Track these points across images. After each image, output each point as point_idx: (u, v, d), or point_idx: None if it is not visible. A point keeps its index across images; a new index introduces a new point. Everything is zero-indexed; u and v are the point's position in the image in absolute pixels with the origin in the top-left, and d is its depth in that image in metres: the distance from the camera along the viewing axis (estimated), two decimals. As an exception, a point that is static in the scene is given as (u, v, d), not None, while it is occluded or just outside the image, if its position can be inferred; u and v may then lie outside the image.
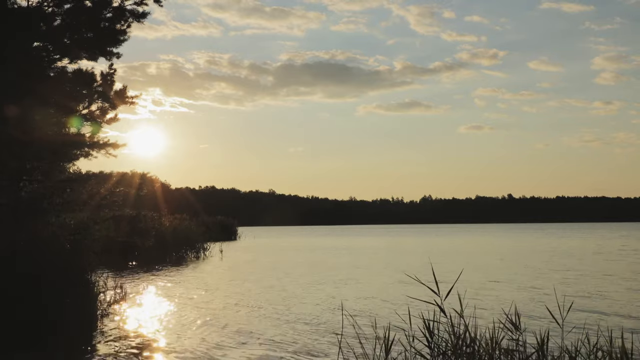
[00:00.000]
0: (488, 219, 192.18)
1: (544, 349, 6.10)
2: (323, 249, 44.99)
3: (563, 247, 44.38)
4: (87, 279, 12.64)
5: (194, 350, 10.07)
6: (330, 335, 11.10)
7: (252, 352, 9.85)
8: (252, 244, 54.71)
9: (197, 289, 18.69)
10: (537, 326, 9.96)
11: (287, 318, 13.19)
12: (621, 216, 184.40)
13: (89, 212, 14.19)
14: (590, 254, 34.69)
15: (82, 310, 11.84)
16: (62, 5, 12.72)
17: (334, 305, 14.87)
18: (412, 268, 24.93)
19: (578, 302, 14.50)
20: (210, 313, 14.00)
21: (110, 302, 13.95)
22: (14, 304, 10.45)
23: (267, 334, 11.42)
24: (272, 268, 27.44)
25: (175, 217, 37.97)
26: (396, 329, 8.28)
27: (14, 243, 11.27)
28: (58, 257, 11.65)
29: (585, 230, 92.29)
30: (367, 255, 37.49)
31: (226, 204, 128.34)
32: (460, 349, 6.22)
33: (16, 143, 12.33)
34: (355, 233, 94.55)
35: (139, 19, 13.30)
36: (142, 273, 24.00)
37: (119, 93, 13.77)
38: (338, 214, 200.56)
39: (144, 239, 29.08)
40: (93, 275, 13.07)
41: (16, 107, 12.11)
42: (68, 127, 13.69)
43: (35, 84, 12.55)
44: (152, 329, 12.12)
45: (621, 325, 10.97)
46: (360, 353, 7.74)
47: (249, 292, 18.15)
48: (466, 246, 48.30)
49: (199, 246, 35.13)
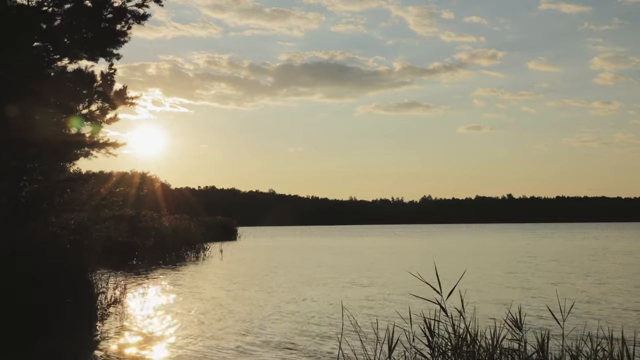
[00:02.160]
0: (488, 219, 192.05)
1: (545, 349, 6.09)
2: (323, 249, 44.97)
3: (563, 247, 44.39)
4: (87, 279, 12.64)
5: (194, 350, 10.06)
6: (330, 335, 11.09)
7: (252, 352, 9.84)
8: (252, 244, 54.71)
9: (197, 289, 18.68)
10: (538, 326, 9.96)
11: (288, 318, 13.18)
12: (621, 216, 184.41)
13: (89, 212, 14.17)
14: (591, 254, 34.70)
15: (82, 310, 11.84)
16: (62, 5, 12.71)
17: (335, 305, 14.86)
18: (413, 268, 24.92)
19: (579, 302, 14.51)
20: (210, 313, 13.99)
21: (110, 302, 13.94)
22: (14, 304, 10.44)
23: (268, 334, 11.41)
24: (272, 268, 27.43)
25: (175, 217, 37.98)
26: (397, 328, 8.28)
27: (14, 243, 11.26)
28: (58, 257, 11.65)
29: (586, 231, 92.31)
30: (368, 255, 37.48)
31: (226, 204, 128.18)
32: (460, 348, 6.21)
33: (16, 143, 12.32)
34: (356, 233, 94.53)
35: (140, 21, 13.29)
36: (142, 273, 23.99)
37: (119, 93, 13.76)
38: (338, 214, 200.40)
39: (144, 239, 29.04)
40: (93, 275, 13.07)
41: (16, 107, 12.10)
42: (68, 127, 13.68)
43: (35, 84, 12.54)
44: (152, 329, 12.11)
45: (621, 325, 10.97)
46: (361, 353, 7.73)
47: (249, 292, 18.14)
48: (467, 246, 48.28)
49: (199, 246, 35.12)
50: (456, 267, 25.20)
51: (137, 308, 14.75)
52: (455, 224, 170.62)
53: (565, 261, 29.51)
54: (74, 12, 12.73)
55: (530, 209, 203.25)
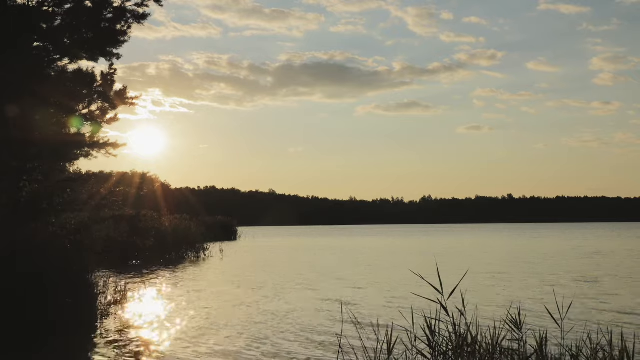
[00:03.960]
0: (488, 219, 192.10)
1: (544, 349, 6.09)
2: (323, 250, 44.97)
3: (562, 247, 44.39)
4: (87, 279, 12.64)
5: (194, 350, 10.06)
6: (331, 335, 11.09)
7: (253, 352, 9.84)
8: (252, 244, 54.70)
9: (197, 290, 18.68)
10: (538, 326, 9.96)
11: (288, 318, 13.18)
12: (621, 216, 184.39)
13: (89, 212, 14.17)
14: (591, 255, 34.71)
15: (82, 310, 11.84)
16: (62, 5, 12.71)
17: (335, 304, 14.86)
18: (414, 268, 24.91)
19: (579, 302, 14.51)
20: (210, 313, 13.99)
21: (110, 302, 13.95)
22: (14, 304, 10.45)
23: (268, 333, 11.41)
24: (273, 268, 27.43)
25: (175, 217, 37.96)
26: (399, 328, 8.28)
27: (14, 243, 11.27)
28: (58, 257, 11.65)
29: (586, 230, 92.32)
30: (368, 255, 37.47)
31: (226, 204, 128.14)
32: (461, 348, 6.22)
33: (16, 143, 12.32)
34: (356, 233, 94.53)
35: (139, 20, 13.30)
36: (142, 273, 23.99)
37: (119, 93, 13.76)
38: (338, 214, 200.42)
39: (144, 239, 29.03)
40: (93, 275, 13.06)
41: (16, 107, 12.11)
42: (68, 127, 13.68)
43: (36, 84, 12.54)
44: (152, 329, 12.11)
45: (621, 325, 10.97)
46: (361, 352, 7.73)
47: (250, 292, 18.14)
48: (466, 246, 48.28)
49: (199, 246, 35.12)
50: (456, 267, 25.20)
51: (137, 308, 14.75)
52: (455, 224, 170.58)
53: (565, 261, 29.50)
54: (74, 12, 12.73)
55: (530, 209, 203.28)
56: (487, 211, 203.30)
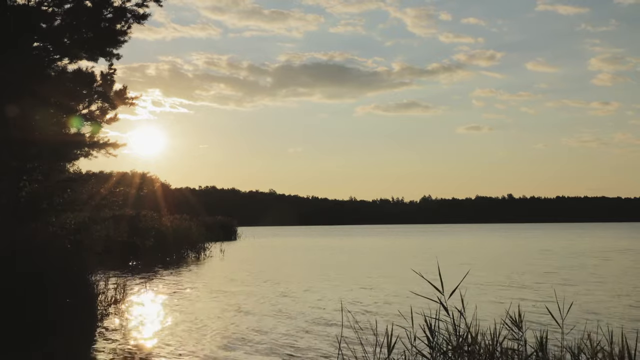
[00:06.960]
0: (488, 219, 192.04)
1: (544, 349, 6.09)
2: (323, 249, 44.96)
3: (560, 247, 44.39)
4: (87, 279, 12.64)
5: (194, 350, 10.06)
6: (330, 335, 11.09)
7: (253, 352, 9.84)
8: (253, 244, 54.68)
9: (198, 290, 18.68)
10: (538, 325, 9.96)
11: (288, 318, 13.18)
12: (621, 216, 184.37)
13: (89, 212, 14.18)
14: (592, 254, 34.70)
15: (82, 310, 11.84)
16: (62, 5, 12.71)
17: (335, 304, 14.85)
18: (414, 268, 24.87)
19: (578, 301, 14.51)
20: (210, 313, 13.99)
21: (110, 302, 13.94)
22: (14, 304, 10.44)
23: (268, 333, 11.41)
24: (273, 269, 27.43)
25: (175, 217, 37.94)
26: (399, 328, 8.28)
27: (14, 243, 11.27)
28: (58, 257, 11.65)
29: (587, 230, 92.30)
30: (368, 255, 37.47)
31: (226, 204, 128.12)
32: (461, 348, 6.21)
33: (16, 143, 12.32)
34: (356, 233, 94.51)
35: (140, 21, 13.30)
36: (142, 273, 23.98)
37: (119, 93, 13.77)
38: (338, 214, 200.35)
39: (144, 239, 29.05)
40: (93, 275, 13.06)
41: (16, 107, 12.11)
42: (68, 127, 13.68)
43: (36, 84, 12.55)
44: (152, 329, 12.11)
45: (621, 325, 10.97)
46: (361, 352, 7.73)
47: (250, 292, 18.14)
48: (467, 246, 48.27)
49: (199, 246, 35.10)
50: (456, 267, 25.20)
51: (137, 308, 14.74)
52: (455, 224, 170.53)
53: (564, 261, 29.50)
54: (74, 12, 12.74)
55: (530, 209, 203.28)
56: (487, 211, 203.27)
